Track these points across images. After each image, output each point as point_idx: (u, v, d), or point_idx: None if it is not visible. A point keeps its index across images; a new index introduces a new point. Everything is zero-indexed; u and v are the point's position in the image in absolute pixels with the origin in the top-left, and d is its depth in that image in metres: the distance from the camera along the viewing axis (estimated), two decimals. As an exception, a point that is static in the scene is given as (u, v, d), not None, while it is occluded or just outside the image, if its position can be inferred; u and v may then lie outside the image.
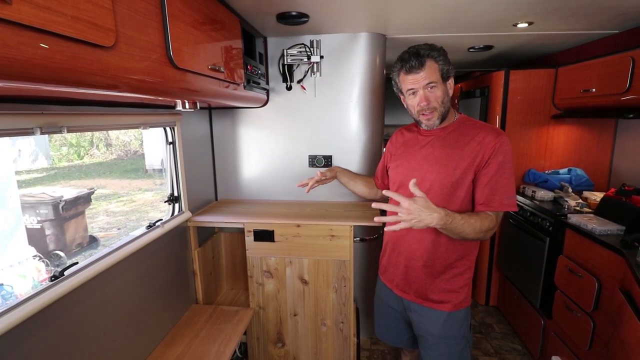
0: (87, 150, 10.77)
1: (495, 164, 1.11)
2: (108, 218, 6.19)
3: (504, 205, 1.11)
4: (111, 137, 10.86)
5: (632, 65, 1.57)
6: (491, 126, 1.19)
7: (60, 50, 0.63)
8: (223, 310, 1.87)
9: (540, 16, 1.63)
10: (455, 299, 1.23)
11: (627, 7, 1.51)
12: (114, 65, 0.77)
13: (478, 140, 1.14)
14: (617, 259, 1.42)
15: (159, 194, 7.76)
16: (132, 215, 6.49)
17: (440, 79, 1.13)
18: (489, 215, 1.11)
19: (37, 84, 0.64)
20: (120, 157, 11.26)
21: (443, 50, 1.15)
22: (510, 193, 1.12)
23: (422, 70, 1.11)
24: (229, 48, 1.40)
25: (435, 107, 1.15)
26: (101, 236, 5.09)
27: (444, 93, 1.15)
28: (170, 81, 1.00)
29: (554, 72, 2.24)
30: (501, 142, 1.12)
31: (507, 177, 1.12)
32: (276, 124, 2.09)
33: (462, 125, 1.20)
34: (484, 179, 1.12)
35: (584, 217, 1.72)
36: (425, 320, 1.27)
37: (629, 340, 1.23)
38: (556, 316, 1.82)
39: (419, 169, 1.21)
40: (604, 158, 2.29)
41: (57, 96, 0.98)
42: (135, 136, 11.23)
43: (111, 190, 7.78)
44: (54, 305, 1.04)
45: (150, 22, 0.89)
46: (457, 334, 1.25)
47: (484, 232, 1.10)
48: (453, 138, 1.18)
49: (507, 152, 1.13)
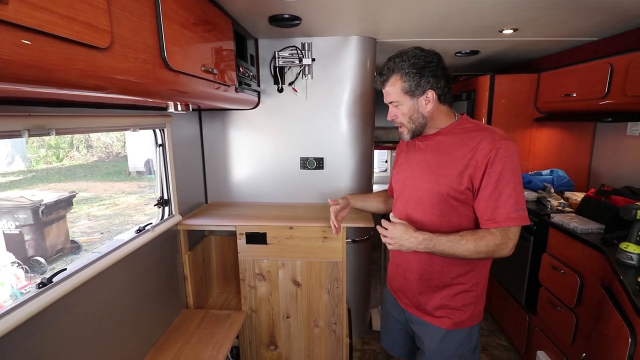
0: (67, 152, 10.39)
1: (494, 173, 0.99)
2: (90, 222, 6.00)
3: (511, 219, 0.99)
4: (92, 138, 10.53)
5: (610, 72, 1.65)
6: (491, 130, 1.06)
7: (56, 51, 0.62)
8: (215, 314, 1.84)
9: (524, 23, 1.69)
10: (457, 317, 1.14)
11: (606, 16, 1.58)
12: (109, 66, 0.76)
13: (471, 145, 1.04)
14: (597, 256, 1.48)
15: (143, 197, 7.58)
16: (115, 219, 6.31)
17: (404, 96, 1.08)
18: (490, 232, 1.01)
19: (31, 85, 0.63)
20: (101, 159, 10.93)
21: (421, 63, 1.05)
22: (518, 205, 0.99)
23: (384, 88, 1.11)
24: (221, 49, 1.39)
25: (403, 122, 1.13)
26: (83, 241, 4.93)
27: (412, 109, 1.09)
28: (164, 83, 0.99)
29: (536, 77, 2.32)
30: (498, 148, 0.99)
31: (512, 187, 0.99)
32: (267, 126, 2.09)
33: (459, 128, 1.11)
34: (485, 192, 1.01)
35: (566, 217, 1.78)
36: (423, 334, 1.22)
37: (608, 334, 1.28)
38: (541, 312, 1.88)
39: (412, 176, 1.17)
40: (583, 160, 2.39)
41: (44, 97, 0.95)
42: (118, 138, 10.92)
43: (93, 194, 7.54)
44: (42, 314, 1.00)
45: (144, 23, 0.88)
46: (453, 353, 1.17)
47: (485, 252, 1.01)
48: (447, 143, 1.10)
49: (508, 158, 0.99)
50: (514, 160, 1.00)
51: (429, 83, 1.05)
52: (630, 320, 1.09)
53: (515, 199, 0.99)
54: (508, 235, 1.00)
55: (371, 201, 1.50)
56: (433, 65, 1.05)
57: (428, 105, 1.08)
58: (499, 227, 1.01)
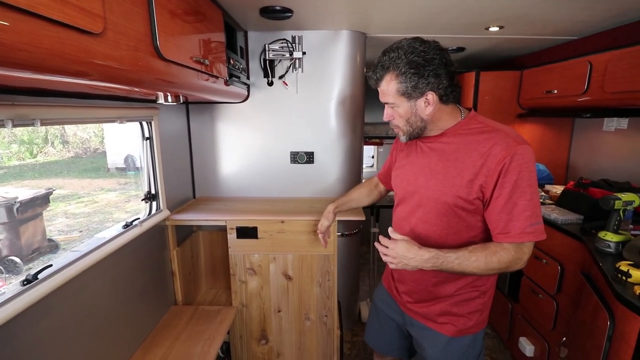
0: (41, 148, 9.94)
1: (509, 184, 0.89)
2: (68, 220, 5.76)
3: (526, 234, 0.89)
4: (68, 133, 10.13)
5: (590, 69, 1.72)
6: (504, 132, 0.94)
7: (48, 34, 0.59)
8: (204, 310, 1.82)
9: (510, 21, 1.74)
10: (462, 324, 1.08)
11: (585, 16, 1.64)
12: (102, 53, 0.73)
13: (483, 151, 0.92)
14: (577, 245, 1.56)
15: (123, 194, 7.35)
16: (94, 217, 6.09)
17: (400, 98, 0.96)
18: (503, 248, 0.91)
19: (20, 70, 0.60)
20: (78, 155, 10.51)
21: (420, 61, 0.91)
22: (534, 218, 0.90)
23: (379, 87, 1.00)
24: (212, 41, 1.36)
25: (398, 125, 1.03)
26: (61, 239, 4.73)
27: (409, 112, 0.98)
28: (155, 72, 0.96)
29: (519, 74, 2.40)
30: (513, 154, 0.88)
31: (528, 199, 0.89)
32: (257, 119, 2.07)
33: (467, 129, 0.99)
34: (498, 203, 0.91)
35: (547, 208, 1.86)
36: (424, 340, 1.15)
37: (587, 318, 1.35)
38: (523, 300, 1.96)
39: (415, 182, 1.07)
40: (562, 154, 2.49)
41: (28, 86, 0.91)
42: (95, 133, 10.55)
43: (70, 191, 7.24)
44: (27, 313, 0.96)
45: (136, 10, 0.86)
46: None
47: (498, 269, 0.92)
48: (454, 147, 0.98)
49: (524, 165, 0.89)
50: (531, 167, 0.90)
51: (429, 84, 0.93)
52: (609, 304, 1.16)
53: (531, 212, 0.90)
54: (522, 250, 0.92)
55: (355, 201, 1.51)
56: (435, 63, 0.92)
57: (428, 108, 0.96)
58: (512, 242, 0.91)
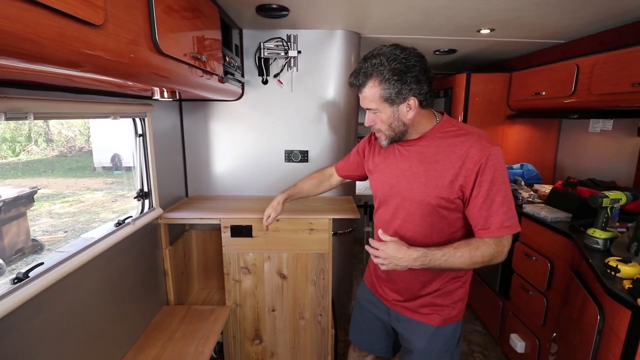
0: (24, 146, 9.65)
1: (486, 182, 0.96)
2: (52, 220, 5.60)
3: (504, 228, 0.97)
4: (53, 131, 9.86)
5: (577, 72, 1.78)
6: (477, 134, 1.01)
7: (50, 24, 0.58)
8: (197, 309, 1.80)
9: (501, 24, 1.78)
10: (446, 314, 1.15)
11: (573, 20, 1.70)
12: (102, 45, 0.72)
13: (460, 153, 0.98)
14: (566, 243, 1.60)
15: (110, 193, 7.19)
16: (80, 217, 5.94)
17: (383, 104, 0.99)
18: (485, 242, 0.98)
19: (22, 60, 0.59)
20: (63, 154, 10.24)
21: (401, 68, 0.94)
22: (509, 213, 0.97)
23: (361, 93, 1.01)
24: (209, 38, 1.35)
25: (381, 129, 1.05)
26: (45, 240, 4.60)
27: (392, 117, 1.01)
28: (154, 67, 0.95)
29: (508, 76, 2.45)
30: (488, 155, 0.95)
31: (503, 195, 0.97)
32: (251, 118, 2.06)
33: (444, 132, 1.04)
34: (477, 200, 0.98)
35: (536, 207, 1.91)
36: (410, 333, 1.20)
37: (577, 313, 1.39)
38: (514, 297, 2.00)
39: (397, 185, 1.10)
40: (550, 154, 2.56)
41: (19, 79, 0.89)
42: (81, 131, 10.30)
43: (54, 190, 7.04)
44: (17, 312, 0.93)
45: (136, 4, 0.85)
46: (442, 348, 1.17)
47: (481, 262, 0.99)
48: (433, 150, 1.04)
49: (498, 165, 0.96)
50: (503, 166, 0.98)
51: (412, 90, 0.96)
52: (598, 298, 1.19)
53: (507, 207, 0.97)
54: (502, 243, 0.99)
55: (306, 192, 1.50)
56: (416, 69, 0.96)
57: (409, 112, 1.00)
58: (492, 236, 0.98)
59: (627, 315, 1.03)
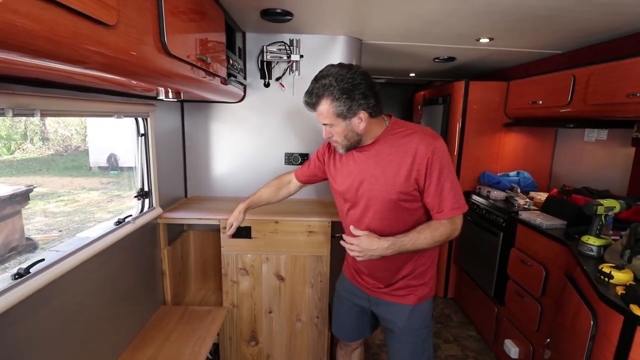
0: (19, 144, 9.57)
1: (435, 172, 1.10)
2: (47, 219, 5.54)
3: (454, 209, 1.13)
4: (49, 130, 9.80)
5: (573, 82, 1.82)
6: (422, 131, 1.15)
7: (65, 23, 0.59)
8: (194, 310, 1.80)
9: (500, 33, 1.82)
10: (420, 292, 1.28)
11: (571, 31, 1.74)
12: (114, 45, 0.73)
13: (411, 152, 1.12)
14: (561, 249, 1.63)
15: (105, 193, 7.14)
16: (75, 216, 5.89)
17: (337, 119, 1.10)
18: (441, 223, 1.14)
19: (37, 57, 0.60)
20: (58, 153, 10.16)
21: (349, 87, 1.05)
22: (457, 196, 1.13)
23: (315, 111, 1.12)
24: (214, 40, 1.37)
25: (337, 140, 1.16)
26: (40, 239, 4.55)
27: (346, 129, 1.12)
28: (162, 67, 0.97)
29: (506, 85, 2.50)
30: (434, 149, 1.10)
31: (450, 181, 1.12)
32: (252, 120, 2.08)
33: (394, 134, 1.17)
34: (430, 189, 1.12)
35: (532, 214, 1.93)
36: (391, 314, 1.32)
37: (568, 321, 1.42)
38: (508, 303, 2.02)
39: (362, 187, 1.21)
40: (546, 163, 2.60)
41: (26, 76, 0.90)
42: (77, 130, 10.24)
43: (49, 189, 6.99)
44: (17, 308, 0.93)
45: (147, 5, 0.86)
46: (420, 325, 1.31)
47: (442, 240, 1.14)
48: (387, 151, 1.16)
49: (443, 156, 1.11)
50: (447, 156, 1.13)
51: (361, 105, 1.08)
52: (592, 304, 1.21)
53: (454, 191, 1.13)
54: (455, 222, 1.15)
55: (265, 199, 1.54)
56: (362, 87, 1.07)
57: (361, 124, 1.11)
58: (446, 217, 1.14)
59: (619, 321, 1.05)
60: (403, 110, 4.50)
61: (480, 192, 2.49)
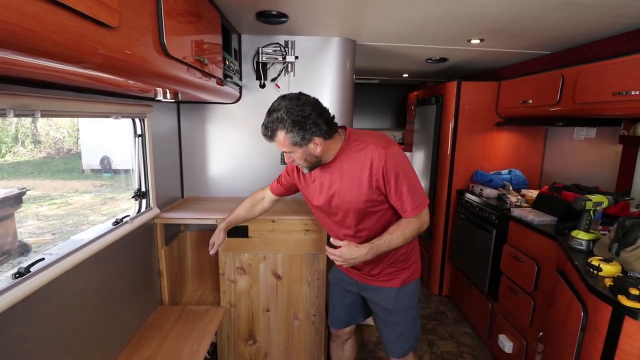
0: (10, 147, 9.42)
1: (392, 179, 1.18)
2: (40, 222, 5.47)
3: (415, 209, 1.22)
4: (41, 133, 9.67)
5: (562, 81, 1.87)
6: (374, 142, 1.21)
7: (70, 25, 0.61)
8: (192, 310, 1.81)
9: (490, 34, 1.86)
10: (404, 275, 1.39)
11: (559, 32, 1.79)
12: (116, 47, 0.75)
13: (367, 164, 1.20)
14: (552, 245, 1.67)
15: (98, 196, 7.08)
16: (68, 219, 5.83)
17: (294, 147, 1.16)
18: (409, 221, 1.23)
19: (42, 58, 0.61)
20: (50, 156, 10.03)
21: (299, 119, 1.12)
22: (415, 196, 1.21)
23: (273, 141, 1.19)
24: (211, 41, 1.39)
25: (300, 163, 1.24)
26: (33, 242, 4.49)
27: (304, 153, 1.18)
28: (161, 68, 0.98)
29: (497, 85, 2.55)
30: (385, 158, 1.17)
31: (407, 184, 1.19)
32: (248, 121, 2.09)
33: (350, 148, 1.24)
34: (391, 194, 1.21)
35: (524, 211, 1.98)
36: (379, 297, 1.43)
37: (560, 314, 1.46)
38: (502, 299, 2.06)
39: (332, 201, 1.29)
40: (537, 161, 2.65)
41: (26, 77, 0.91)
42: (69, 133, 10.13)
43: (42, 192, 6.90)
44: (16, 308, 0.93)
45: (146, 7, 0.88)
46: (407, 305, 1.42)
47: (413, 235, 1.25)
48: (346, 166, 1.24)
49: (396, 162, 1.18)
50: (400, 160, 1.20)
51: (313, 133, 1.14)
52: (582, 296, 1.25)
53: (412, 192, 1.21)
54: (421, 217, 1.25)
55: (242, 217, 1.58)
56: (312, 116, 1.13)
57: (317, 148, 1.18)
58: (411, 216, 1.23)
59: (608, 312, 1.09)
60: (396, 110, 4.55)
61: (473, 190, 2.53)
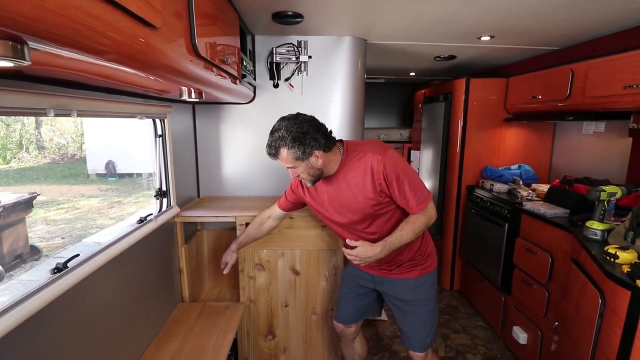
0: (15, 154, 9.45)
1: (394, 182, 1.26)
2: (49, 227, 5.49)
3: (420, 205, 1.29)
4: (45, 139, 9.71)
5: (572, 76, 1.90)
6: (371, 150, 1.30)
7: (124, 25, 0.65)
8: (213, 306, 1.84)
9: (500, 31, 1.89)
10: (421, 266, 1.45)
11: (569, 28, 1.82)
12: (158, 47, 0.79)
13: (368, 171, 1.28)
14: (565, 236, 1.69)
15: (105, 200, 7.10)
16: (77, 223, 5.85)
17: (296, 162, 1.26)
18: (417, 217, 1.31)
19: (96, 56, 0.65)
20: (55, 162, 10.06)
21: (299, 135, 1.22)
22: (418, 193, 1.28)
23: (277, 159, 1.28)
24: (231, 42, 1.43)
25: (304, 177, 1.32)
26: (43, 246, 4.52)
27: (307, 167, 1.28)
28: (192, 68, 1.02)
29: (505, 81, 2.58)
30: (384, 163, 1.25)
31: (408, 183, 1.27)
32: (262, 120, 2.12)
33: (350, 159, 1.33)
34: (395, 194, 1.29)
35: (535, 204, 2.01)
36: (396, 290, 1.49)
37: (571, 306, 1.49)
38: (515, 291, 2.09)
39: (341, 211, 1.38)
40: (545, 156, 2.68)
41: (63, 78, 0.95)
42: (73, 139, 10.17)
43: (48, 197, 6.92)
44: (52, 305, 0.95)
45: (181, 10, 0.92)
46: (426, 296, 1.47)
47: (422, 229, 1.32)
48: (349, 176, 1.33)
49: (394, 165, 1.26)
50: (398, 162, 1.29)
51: (313, 147, 1.24)
52: (599, 284, 1.28)
53: (414, 190, 1.28)
54: (427, 211, 1.32)
55: (252, 237, 1.66)
56: (310, 132, 1.24)
57: (319, 160, 1.27)
58: (417, 212, 1.31)
59: (627, 296, 1.12)
60: (402, 109, 4.58)
61: (484, 186, 2.56)
